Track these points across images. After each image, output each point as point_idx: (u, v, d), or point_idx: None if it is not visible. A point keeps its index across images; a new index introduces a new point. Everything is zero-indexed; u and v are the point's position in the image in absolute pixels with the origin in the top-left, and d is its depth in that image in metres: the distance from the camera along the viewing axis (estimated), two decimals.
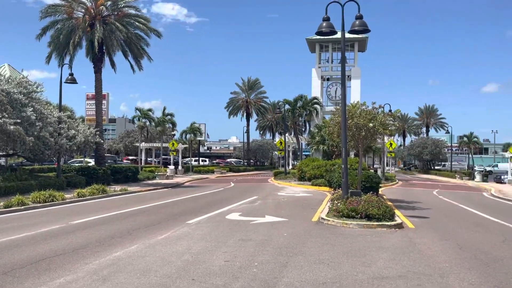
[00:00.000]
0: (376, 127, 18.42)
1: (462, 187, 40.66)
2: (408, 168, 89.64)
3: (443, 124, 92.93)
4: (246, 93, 69.78)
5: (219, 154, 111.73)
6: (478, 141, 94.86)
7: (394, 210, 16.72)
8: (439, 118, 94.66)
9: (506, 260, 9.45)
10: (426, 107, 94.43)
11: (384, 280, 7.48)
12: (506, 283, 7.60)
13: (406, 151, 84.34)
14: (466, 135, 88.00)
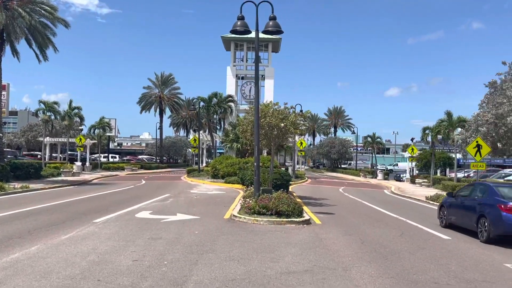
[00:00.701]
0: (288, 127, 18.94)
1: (365, 184, 43.07)
2: (317, 166, 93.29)
3: (350, 125, 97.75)
4: (160, 89, 68.39)
5: (130, 151, 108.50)
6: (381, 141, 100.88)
7: (303, 206, 17.33)
8: (346, 119, 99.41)
9: (402, 253, 10.17)
10: (334, 108, 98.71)
11: (292, 275, 7.72)
12: (402, 274, 8.18)
13: (315, 150, 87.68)
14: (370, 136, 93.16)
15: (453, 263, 9.37)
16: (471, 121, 23.04)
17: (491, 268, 9.10)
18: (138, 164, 61.46)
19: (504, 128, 19.46)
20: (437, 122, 46.37)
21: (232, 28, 15.54)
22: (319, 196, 25.27)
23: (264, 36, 40.62)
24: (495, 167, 52.38)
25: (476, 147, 20.70)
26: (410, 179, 47.64)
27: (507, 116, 19.19)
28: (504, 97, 20.39)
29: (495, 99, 21.09)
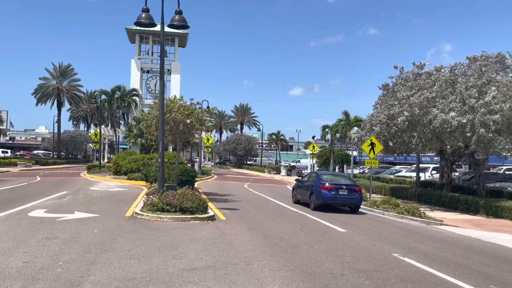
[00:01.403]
0: (194, 123, 18.83)
1: (270, 180, 44.16)
2: (224, 162, 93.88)
3: (255, 122, 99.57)
4: (58, 80, 64.42)
5: (25, 145, 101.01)
6: (285, 139, 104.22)
7: (208, 203, 17.34)
8: (252, 116, 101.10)
9: (302, 246, 10.58)
10: (241, 106, 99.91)
11: (194, 272, 7.69)
12: (301, 266, 8.51)
13: (222, 146, 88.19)
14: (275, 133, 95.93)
15: (347, 254, 9.94)
16: (366, 121, 24.53)
17: (381, 258, 9.79)
18: (33, 159, 57.38)
19: (395, 128, 20.97)
20: (336, 121, 48.89)
21: (137, 20, 15.07)
22: (224, 192, 25.44)
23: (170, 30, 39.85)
24: (387, 164, 56.30)
25: (370, 145, 22.14)
26: None
27: (397, 116, 20.71)
28: (395, 99, 21.99)
29: (387, 101, 22.68)
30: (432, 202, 22.54)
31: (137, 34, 53.46)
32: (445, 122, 18.83)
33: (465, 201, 20.25)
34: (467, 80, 19.79)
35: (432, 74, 21.72)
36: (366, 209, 20.31)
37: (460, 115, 18.79)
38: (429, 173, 35.87)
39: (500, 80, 19.57)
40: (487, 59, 20.23)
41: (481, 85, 19.35)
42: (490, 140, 18.45)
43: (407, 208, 18.24)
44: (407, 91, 21.46)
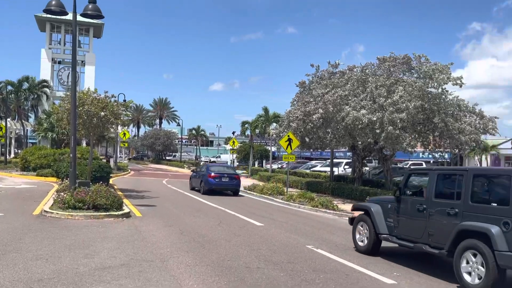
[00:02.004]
0: (108, 116, 18.18)
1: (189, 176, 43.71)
2: (141, 158, 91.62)
3: (175, 117, 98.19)
4: None
5: None
6: (205, 134, 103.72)
7: (123, 199, 16.85)
8: (171, 111, 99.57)
9: (219, 241, 10.62)
10: (160, 100, 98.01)
11: (107, 270, 7.44)
12: (217, 261, 8.55)
13: (140, 141, 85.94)
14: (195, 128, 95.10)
15: (264, 247, 10.13)
16: (284, 117, 25.10)
17: (295, 250, 10.09)
18: None
19: (311, 124, 21.67)
20: (256, 117, 49.56)
21: (46, 7, 14.20)
22: (141, 189, 24.84)
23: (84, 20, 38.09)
24: (304, 159, 58.10)
25: (287, 141, 22.70)
26: None
27: (313, 113, 21.41)
28: (311, 96, 22.73)
29: (304, 98, 23.36)
30: (345, 195, 23.58)
31: (47, 22, 50.40)
32: (356, 119, 19.76)
33: (374, 194, 21.37)
34: (377, 79, 20.91)
35: (345, 73, 22.69)
36: (283, 203, 20.81)
37: (370, 113, 19.81)
38: (342, 167, 37.53)
39: (406, 80, 20.88)
40: (395, 60, 21.50)
41: (389, 84, 20.53)
42: (397, 136, 19.65)
43: (321, 202, 18.94)
44: (322, 89, 22.25)
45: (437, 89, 20.93)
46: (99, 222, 12.42)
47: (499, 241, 6.94)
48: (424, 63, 20.89)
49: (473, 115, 21.36)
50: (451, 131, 20.30)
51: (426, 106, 20.11)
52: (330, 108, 20.80)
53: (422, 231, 8.64)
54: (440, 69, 20.29)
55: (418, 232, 8.76)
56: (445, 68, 20.44)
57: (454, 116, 20.62)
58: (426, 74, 20.41)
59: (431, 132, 21.85)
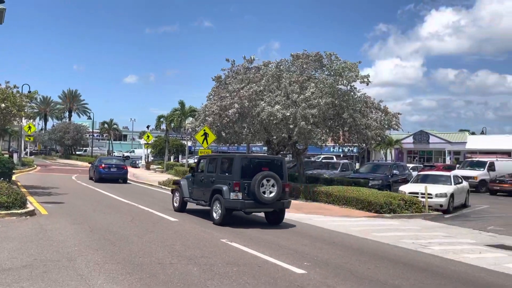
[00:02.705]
0: (10, 108, 16.99)
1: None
2: (49, 153, 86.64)
3: (86, 110, 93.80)
4: None
5: None
6: (118, 128, 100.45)
7: (28, 197, 15.88)
8: (82, 103, 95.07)
9: (131, 238, 10.36)
10: (69, 92, 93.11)
11: (7, 272, 6.98)
12: (129, 258, 8.33)
13: (47, 135, 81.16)
14: (107, 122, 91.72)
15: (177, 243, 10.04)
16: (200, 111, 24.95)
17: (210, 244, 10.11)
18: None
19: (227, 119, 21.75)
20: (171, 111, 48.74)
21: None
22: (48, 185, 23.50)
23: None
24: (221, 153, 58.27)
25: (203, 135, 22.60)
26: (146, 165, 48.84)
27: (229, 108, 21.51)
28: (227, 91, 22.80)
29: (220, 92, 23.36)
30: None
31: None
32: (271, 115, 20.15)
33: None
34: (290, 76, 21.45)
35: (260, 68, 23.02)
36: None
37: (284, 108, 20.30)
38: None
39: (318, 77, 21.65)
40: (308, 57, 22.18)
41: (302, 81, 21.15)
42: (309, 131, 20.33)
43: None
44: (237, 84, 22.40)
45: (346, 86, 21.91)
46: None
47: (226, 193, 12.86)
48: (335, 61, 21.76)
49: (379, 111, 22.65)
50: (359, 126, 21.39)
51: (336, 102, 20.98)
52: (245, 103, 21.02)
53: (202, 193, 14.24)
54: (349, 67, 21.25)
55: (200, 194, 14.36)
56: (354, 66, 21.44)
57: (362, 112, 21.71)
58: (336, 71, 21.28)
59: (341, 127, 22.85)
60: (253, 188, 12.69)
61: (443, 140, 55.24)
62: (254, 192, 12.68)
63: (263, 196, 12.74)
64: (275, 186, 12.87)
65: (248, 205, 12.91)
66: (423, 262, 9.41)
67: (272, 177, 12.90)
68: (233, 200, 12.80)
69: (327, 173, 27.29)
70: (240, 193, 12.82)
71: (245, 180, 12.88)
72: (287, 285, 7.17)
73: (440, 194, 18.61)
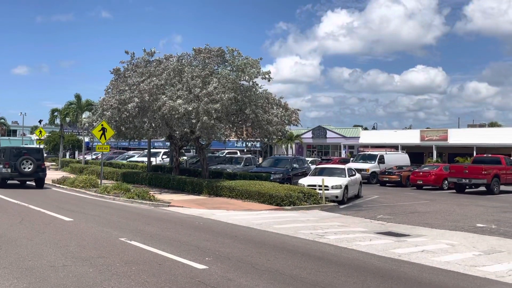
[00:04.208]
0: None
1: None
2: None
3: None
4: None
5: None
6: (6, 122, 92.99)
7: None
8: None
9: (20, 240, 9.64)
10: None
11: None
12: (17, 262, 7.73)
13: None
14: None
15: (72, 244, 9.52)
16: (98, 105, 23.85)
17: (107, 244, 9.72)
18: None
19: (127, 113, 21.03)
20: (66, 105, 46.03)
21: None
22: None
23: None
24: (121, 149, 56.32)
25: (101, 130, 21.68)
26: None
27: (128, 102, 20.82)
28: (127, 84, 22.04)
29: (119, 86, 22.53)
30: (162, 185, 23.58)
31: None
32: (173, 109, 19.85)
33: (191, 182, 21.88)
34: (192, 70, 21.28)
35: (162, 62, 22.56)
36: (96, 196, 19.87)
37: (186, 103, 20.10)
38: (160, 157, 37.45)
39: (221, 73, 21.72)
40: (210, 52, 22.15)
41: (204, 75, 21.09)
42: (212, 126, 20.34)
43: (138, 192, 18.61)
44: (137, 77, 21.76)
45: (249, 82, 22.23)
46: None
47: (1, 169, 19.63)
48: (237, 57, 21.97)
49: (280, 107, 23.29)
50: (261, 121, 21.83)
51: (238, 97, 21.21)
52: (146, 97, 20.49)
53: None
54: (251, 64, 21.57)
55: None
56: (255, 63, 21.81)
57: (263, 108, 22.18)
58: (238, 67, 21.50)
59: (244, 123, 23.18)
60: (17, 164, 21.99)
61: (339, 135, 58.37)
62: (17, 168, 22.00)
63: (23, 170, 22.16)
64: (32, 164, 22.24)
65: (14, 175, 22.39)
66: (319, 251, 9.86)
67: (29, 159, 22.33)
68: (5, 172, 22.15)
69: (231, 168, 27.53)
70: (10, 168, 22.06)
71: (11, 160, 22.12)
72: (188, 281, 7.12)
73: (335, 186, 19.60)
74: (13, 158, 22.05)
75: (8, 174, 21.92)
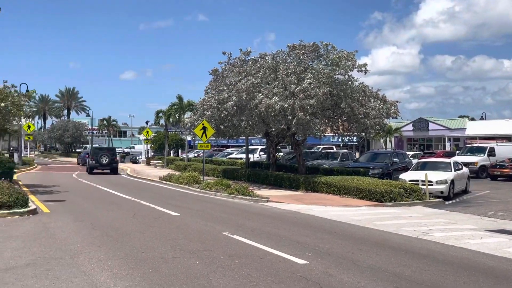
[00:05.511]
0: (9, 108, 16.99)
1: None
2: (49, 151, 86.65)
3: (84, 107, 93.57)
4: None
5: None
6: (117, 124, 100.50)
7: (29, 195, 15.94)
8: (80, 101, 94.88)
9: (133, 233, 10.41)
10: (67, 90, 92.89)
11: (10, 272, 7.03)
12: (131, 254, 8.38)
13: (47, 134, 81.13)
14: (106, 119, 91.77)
15: (180, 237, 10.09)
16: (198, 105, 24.91)
17: (211, 237, 10.16)
18: None
19: (225, 112, 21.75)
20: (169, 106, 48.65)
21: None
22: (49, 183, 23.55)
23: None
24: (220, 147, 58.23)
25: (202, 129, 22.63)
26: (146, 161, 48.86)
27: (227, 101, 21.50)
28: (224, 84, 22.78)
29: (217, 86, 23.35)
30: (260, 181, 24.06)
31: None
32: (269, 106, 20.13)
33: (288, 178, 22.08)
34: (287, 67, 21.40)
35: (257, 60, 22.97)
36: (200, 192, 20.78)
37: (282, 100, 20.28)
38: (257, 154, 38.18)
39: (315, 68, 21.60)
40: (304, 48, 22.12)
41: (299, 72, 21.12)
42: (307, 122, 20.32)
43: (237, 188, 19.16)
44: (235, 76, 22.37)
45: (344, 76, 21.86)
46: (2, 221, 11.64)
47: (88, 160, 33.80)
48: (331, 51, 21.70)
49: (377, 100, 22.61)
50: (357, 115, 21.36)
51: (334, 92, 20.96)
52: (243, 95, 20.99)
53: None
54: (346, 57, 21.19)
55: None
56: (351, 56, 21.39)
57: (360, 101, 21.69)
58: (333, 61, 21.22)
59: (340, 117, 22.84)
60: (98, 158, 32.35)
61: (442, 126, 55.24)
62: (98, 160, 32.28)
63: (102, 162, 32.42)
64: (107, 158, 32.51)
65: (97, 165, 32.59)
66: (424, 249, 9.47)
67: (106, 154, 32.80)
68: (91, 164, 32.78)
69: (327, 164, 27.31)
70: (94, 161, 32.56)
71: (95, 156, 32.71)
72: (289, 275, 7.22)
73: (440, 181, 18.64)
74: (95, 154, 33.13)
75: (93, 164, 32.78)
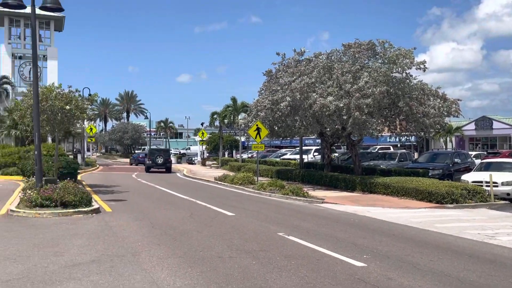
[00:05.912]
0: (73, 111, 17.81)
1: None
2: (110, 152, 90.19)
3: (142, 110, 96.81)
4: None
5: None
6: (173, 126, 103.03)
7: (93, 195, 16.63)
8: (138, 103, 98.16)
9: (191, 233, 10.62)
10: (126, 93, 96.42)
11: (77, 267, 7.35)
12: (189, 252, 8.55)
13: (107, 136, 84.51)
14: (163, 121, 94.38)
15: (235, 237, 10.19)
16: (252, 107, 25.08)
17: (267, 238, 10.18)
18: None
19: (279, 112, 21.76)
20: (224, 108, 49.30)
21: (3, 1, 13.76)
22: (110, 184, 24.52)
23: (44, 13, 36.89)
24: (274, 148, 58.32)
25: (256, 130, 22.76)
26: (201, 161, 49.79)
27: (281, 102, 21.50)
28: (278, 85, 22.79)
29: (271, 87, 23.41)
30: (314, 182, 23.88)
31: (5, 16, 48.70)
32: (324, 106, 19.93)
33: (343, 179, 21.77)
34: (342, 66, 21.10)
35: (311, 60, 22.81)
36: (253, 192, 20.91)
37: (337, 99, 20.02)
38: (311, 154, 37.91)
39: (371, 66, 21.16)
40: (360, 46, 21.72)
41: (355, 71, 20.76)
42: (363, 122, 19.94)
43: (292, 189, 19.12)
44: (288, 77, 22.32)
45: (401, 74, 21.27)
46: (68, 219, 12.22)
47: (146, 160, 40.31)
48: (388, 49, 21.17)
49: (437, 98, 21.83)
50: (416, 114, 20.73)
51: (391, 91, 20.44)
52: (297, 96, 20.91)
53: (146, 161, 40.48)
54: (403, 54, 20.61)
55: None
56: (408, 53, 20.78)
57: (418, 100, 21.02)
58: (390, 59, 20.70)
59: (397, 116, 22.26)
60: (154, 158, 36.71)
61: (508, 125, 52.45)
62: (154, 160, 36.69)
63: (157, 162, 36.98)
64: (162, 158, 37.02)
65: (153, 165, 37.10)
66: (490, 253, 9.03)
67: (161, 155, 37.46)
68: (148, 163, 37.72)
69: (384, 164, 26.68)
70: (150, 161, 37.28)
71: (151, 156, 37.31)
72: (347, 278, 7.10)
73: (506, 182, 17.75)
74: (152, 155, 37.66)
75: (150, 164, 37.44)
